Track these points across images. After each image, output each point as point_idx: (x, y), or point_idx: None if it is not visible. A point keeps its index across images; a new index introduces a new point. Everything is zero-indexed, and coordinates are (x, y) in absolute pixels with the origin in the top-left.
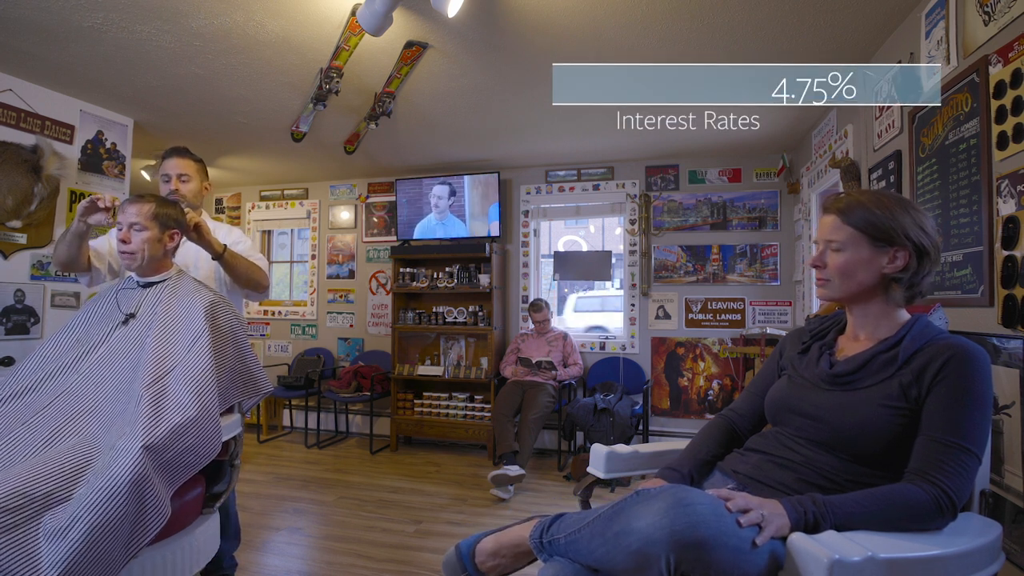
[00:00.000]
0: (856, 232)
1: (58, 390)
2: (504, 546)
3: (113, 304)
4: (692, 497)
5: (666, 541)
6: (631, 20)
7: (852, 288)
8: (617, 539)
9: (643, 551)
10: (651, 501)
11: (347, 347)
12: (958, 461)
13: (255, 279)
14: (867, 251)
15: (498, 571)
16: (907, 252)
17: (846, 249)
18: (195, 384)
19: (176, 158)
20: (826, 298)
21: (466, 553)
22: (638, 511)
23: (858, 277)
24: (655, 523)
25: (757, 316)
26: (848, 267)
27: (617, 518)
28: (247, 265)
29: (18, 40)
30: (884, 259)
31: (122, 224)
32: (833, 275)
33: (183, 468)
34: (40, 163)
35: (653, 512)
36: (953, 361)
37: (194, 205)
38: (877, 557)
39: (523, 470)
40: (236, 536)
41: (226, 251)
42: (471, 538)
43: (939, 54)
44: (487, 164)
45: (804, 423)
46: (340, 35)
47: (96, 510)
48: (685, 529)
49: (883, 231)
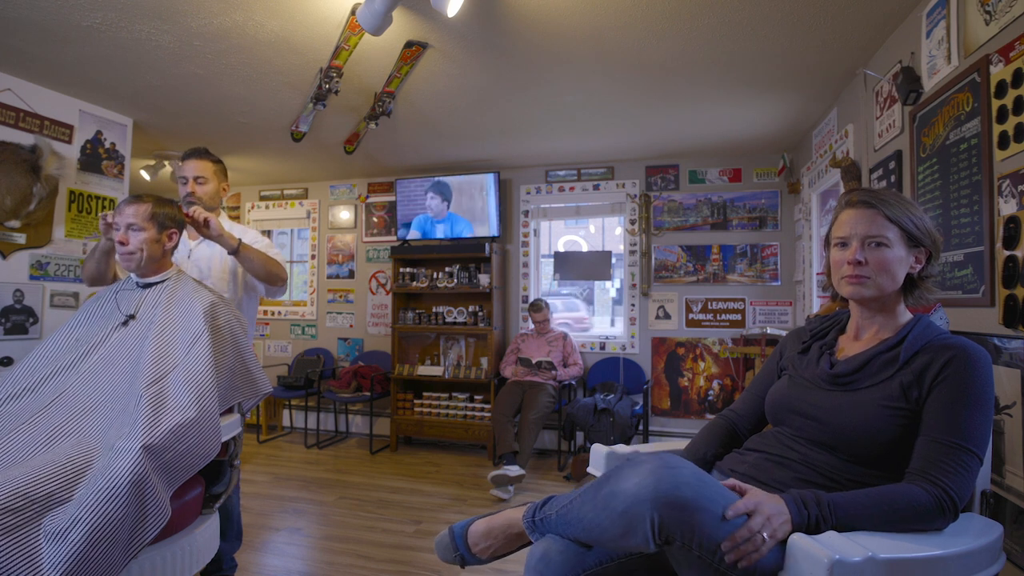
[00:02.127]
0: (899, 230)
1: (57, 390)
2: (496, 528)
3: (113, 305)
4: (678, 461)
5: (650, 499)
6: (631, 20)
7: (889, 286)
8: (606, 501)
9: (629, 511)
10: (639, 464)
11: (347, 347)
12: (959, 462)
13: (273, 271)
14: (904, 250)
15: (490, 552)
16: (925, 252)
17: (892, 245)
18: (194, 385)
19: (194, 160)
20: (859, 296)
21: (459, 535)
22: (626, 473)
23: (894, 275)
24: (641, 482)
25: (757, 316)
26: (893, 264)
27: (607, 482)
28: (263, 258)
29: (18, 40)
30: (912, 258)
31: (119, 225)
32: (875, 272)
33: (183, 469)
34: (39, 163)
35: (639, 473)
36: (954, 361)
37: (211, 207)
38: (877, 557)
39: (523, 470)
40: (238, 537)
41: (241, 244)
42: (464, 521)
43: (940, 54)
44: (487, 164)
45: (804, 423)
46: (340, 35)
47: (96, 511)
48: (669, 489)
49: (919, 231)
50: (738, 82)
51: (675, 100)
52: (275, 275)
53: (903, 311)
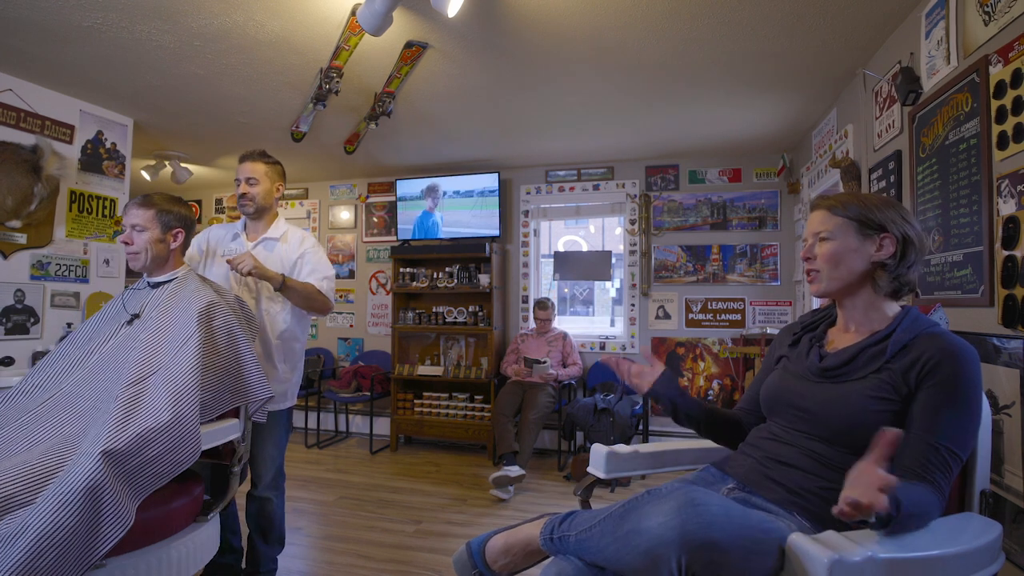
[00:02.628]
0: (844, 220)
1: (55, 389)
2: (514, 545)
3: (120, 304)
4: (703, 497)
5: (677, 542)
6: (631, 20)
7: (842, 276)
8: (627, 538)
9: (653, 551)
10: (662, 501)
11: (347, 347)
12: (944, 463)
13: (315, 306)
14: (854, 239)
15: (509, 569)
16: (893, 240)
17: (835, 237)
18: (174, 387)
19: (247, 162)
20: (818, 293)
21: (477, 551)
22: (649, 510)
23: (847, 264)
24: (665, 523)
25: (757, 316)
26: (836, 254)
27: (628, 517)
28: (307, 293)
29: (18, 40)
30: (872, 247)
31: (125, 226)
32: (822, 265)
33: (152, 476)
34: (40, 163)
35: (663, 512)
36: (942, 362)
37: (264, 206)
38: (877, 557)
39: (523, 470)
40: (280, 542)
41: (285, 281)
42: (481, 536)
43: (939, 54)
44: (487, 164)
45: (796, 415)
46: (340, 35)
47: (46, 517)
48: (697, 530)
49: (869, 219)
50: (738, 82)
51: (675, 100)
52: (317, 309)
53: (891, 304)
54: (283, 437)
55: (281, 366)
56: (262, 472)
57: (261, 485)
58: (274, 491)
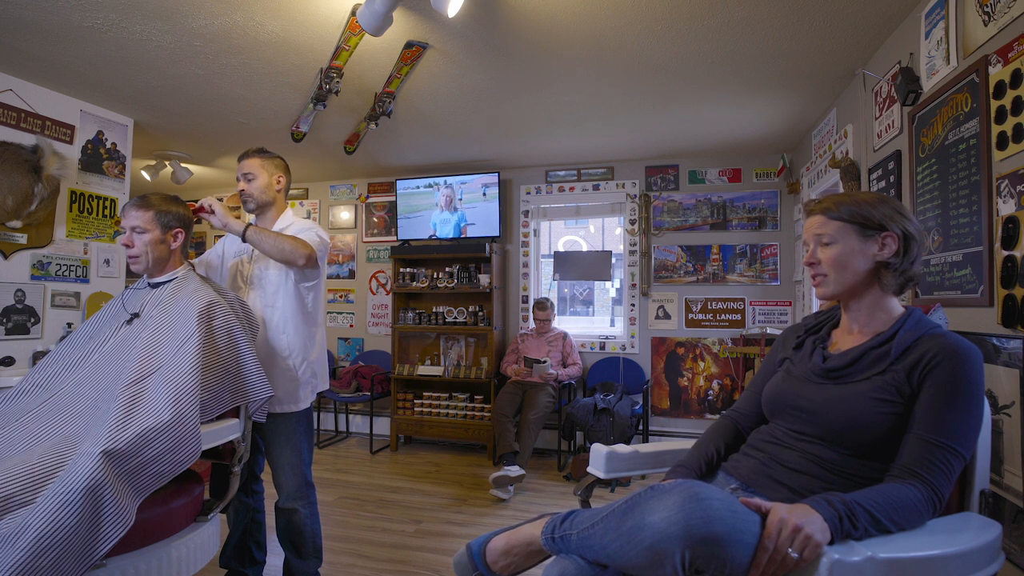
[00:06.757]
0: (843, 224)
1: (55, 388)
2: (515, 545)
3: (120, 304)
4: (706, 492)
5: (681, 536)
6: (631, 20)
7: (848, 279)
8: (631, 534)
9: (657, 546)
10: (665, 496)
11: (347, 347)
12: (945, 461)
13: (286, 251)
14: (856, 241)
15: (510, 570)
16: (895, 238)
17: (837, 241)
18: (174, 387)
19: (244, 160)
20: (825, 296)
21: (477, 552)
22: (652, 506)
23: (852, 267)
24: (669, 518)
25: (757, 316)
26: (841, 258)
27: (631, 513)
28: (273, 238)
29: (18, 40)
30: (875, 247)
31: (124, 228)
32: (828, 269)
33: (153, 475)
34: (40, 163)
35: (667, 507)
36: (945, 361)
37: (264, 200)
38: (877, 557)
39: (523, 470)
40: (316, 555)
41: (248, 228)
42: (481, 537)
43: (939, 54)
44: (487, 164)
45: (798, 416)
46: (340, 35)
47: (46, 517)
48: (700, 524)
49: (868, 218)
50: (738, 82)
51: (675, 100)
52: (289, 253)
53: (893, 304)
54: (302, 442)
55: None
56: (282, 481)
57: (284, 496)
58: (300, 501)
